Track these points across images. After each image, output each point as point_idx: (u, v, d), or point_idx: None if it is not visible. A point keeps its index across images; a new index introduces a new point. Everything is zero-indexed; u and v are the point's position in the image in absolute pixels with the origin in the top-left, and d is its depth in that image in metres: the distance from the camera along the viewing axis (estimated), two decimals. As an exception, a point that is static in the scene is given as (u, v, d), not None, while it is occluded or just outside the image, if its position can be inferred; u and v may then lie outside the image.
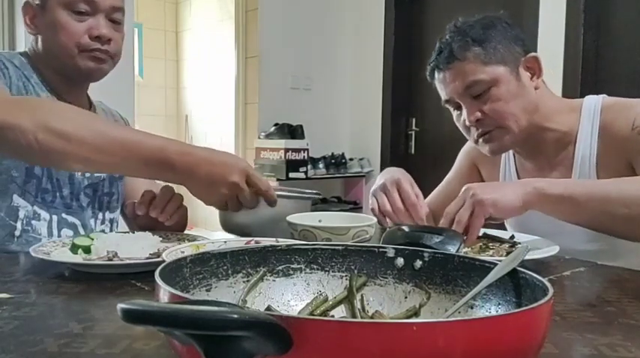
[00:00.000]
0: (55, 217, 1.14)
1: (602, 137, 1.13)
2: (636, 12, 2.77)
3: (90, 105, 1.29)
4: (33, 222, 1.11)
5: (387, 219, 1.12)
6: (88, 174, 1.20)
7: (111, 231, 1.26)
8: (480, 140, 1.18)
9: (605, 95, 1.18)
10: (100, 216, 1.24)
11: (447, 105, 1.22)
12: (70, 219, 1.17)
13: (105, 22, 1.15)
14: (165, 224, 1.06)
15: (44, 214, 1.13)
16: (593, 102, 1.16)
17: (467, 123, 1.16)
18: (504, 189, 0.96)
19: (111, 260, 0.86)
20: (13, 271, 0.87)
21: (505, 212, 0.96)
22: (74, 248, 0.92)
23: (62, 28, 1.12)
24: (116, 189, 1.28)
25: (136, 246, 0.93)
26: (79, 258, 0.89)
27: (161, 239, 1.01)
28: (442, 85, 1.19)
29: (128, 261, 0.85)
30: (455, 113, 1.22)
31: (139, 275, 0.82)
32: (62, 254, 0.91)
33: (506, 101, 1.13)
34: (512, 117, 1.13)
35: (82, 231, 1.17)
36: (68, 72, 1.17)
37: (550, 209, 0.98)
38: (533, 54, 1.17)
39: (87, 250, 0.92)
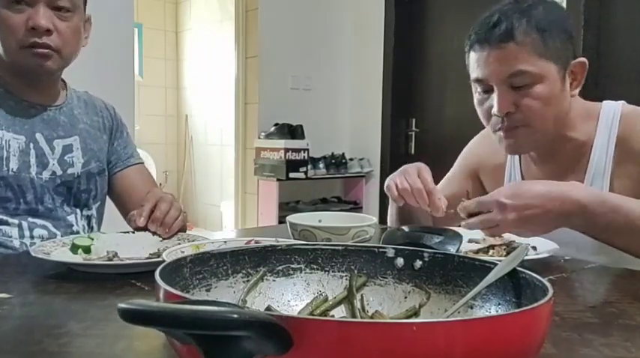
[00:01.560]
0: (23, 222, 1.11)
1: (618, 148, 1.08)
2: (636, 12, 2.77)
3: (63, 102, 1.23)
4: (1, 226, 1.09)
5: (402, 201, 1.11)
6: (59, 173, 1.16)
7: (89, 226, 1.24)
8: (501, 133, 1.09)
9: (624, 102, 1.13)
10: (79, 212, 1.21)
11: (475, 84, 1.11)
12: (39, 221, 1.14)
13: (45, 11, 1.05)
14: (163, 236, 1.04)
15: (11, 220, 1.10)
16: (612, 110, 1.11)
17: (494, 111, 1.06)
18: (539, 226, 0.91)
19: (111, 260, 0.86)
20: (13, 271, 0.87)
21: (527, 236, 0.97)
22: (74, 248, 0.92)
23: (1, 23, 1.06)
24: (94, 186, 1.23)
25: (136, 246, 0.93)
26: (79, 258, 0.89)
27: (161, 239, 1.01)
28: (481, 62, 1.06)
29: (128, 261, 0.85)
30: (480, 95, 1.11)
31: (139, 275, 0.82)
32: (62, 254, 0.91)
33: (545, 103, 1.04)
34: (544, 121, 1.06)
35: (54, 231, 1.15)
36: (16, 70, 1.11)
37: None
38: (582, 59, 1.08)
39: (87, 250, 0.92)
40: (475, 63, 1.08)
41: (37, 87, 1.17)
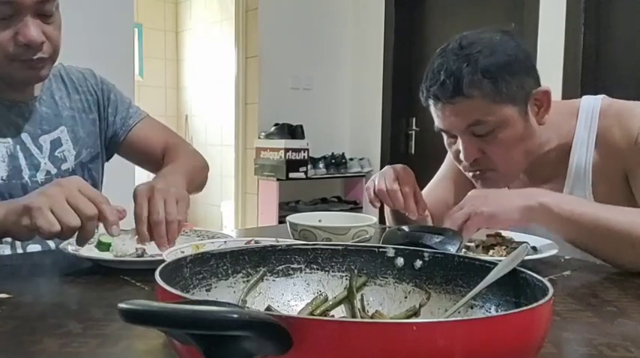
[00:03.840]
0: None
1: (599, 145, 1.07)
2: (636, 11, 2.77)
3: (42, 90, 1.12)
4: None
5: (381, 203, 1.14)
6: (54, 171, 1.09)
7: None
8: (472, 174, 1.11)
9: (604, 96, 1.11)
10: None
11: (442, 132, 1.12)
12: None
13: (32, 21, 0.95)
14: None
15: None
16: (591, 106, 1.09)
17: (461, 157, 1.08)
18: (507, 201, 0.91)
19: (140, 256, 0.87)
20: (13, 271, 0.87)
21: (501, 225, 0.93)
22: (100, 245, 0.93)
23: None
24: (88, 176, 1.16)
25: None
26: (109, 255, 0.90)
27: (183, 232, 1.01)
28: (439, 114, 1.07)
29: (159, 258, 0.83)
30: (448, 140, 1.13)
31: (139, 275, 0.82)
32: (89, 251, 0.91)
33: (511, 146, 1.04)
34: (511, 164, 1.07)
35: (49, 242, 1.05)
36: (4, 78, 1.02)
37: (552, 227, 0.93)
38: (543, 88, 1.05)
39: (107, 247, 0.93)
40: (434, 114, 1.09)
41: (24, 87, 1.08)
